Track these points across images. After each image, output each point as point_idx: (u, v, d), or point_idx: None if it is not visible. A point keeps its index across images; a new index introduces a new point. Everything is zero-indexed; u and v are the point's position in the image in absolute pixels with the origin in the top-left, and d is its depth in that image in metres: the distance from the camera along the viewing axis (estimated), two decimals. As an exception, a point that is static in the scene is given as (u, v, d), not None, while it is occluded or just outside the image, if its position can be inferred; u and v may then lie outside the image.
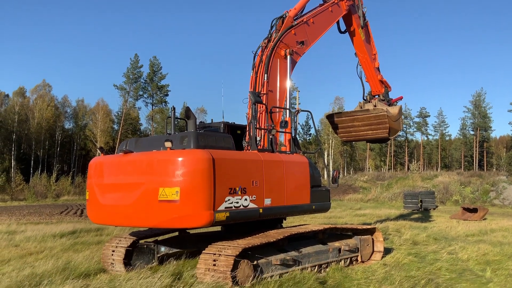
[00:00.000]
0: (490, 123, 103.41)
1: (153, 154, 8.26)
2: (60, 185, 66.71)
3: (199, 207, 7.63)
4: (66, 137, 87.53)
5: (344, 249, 10.09)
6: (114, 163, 8.92)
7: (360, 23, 14.89)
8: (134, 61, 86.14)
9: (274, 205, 8.99)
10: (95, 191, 9.00)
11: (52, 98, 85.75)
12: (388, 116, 14.60)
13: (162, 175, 7.79)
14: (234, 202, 8.10)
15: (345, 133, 15.60)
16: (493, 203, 45.87)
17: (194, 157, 7.73)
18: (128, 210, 8.24)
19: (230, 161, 8.22)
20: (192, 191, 7.60)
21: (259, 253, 8.15)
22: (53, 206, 43.50)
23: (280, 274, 8.24)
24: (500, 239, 15.10)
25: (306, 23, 11.95)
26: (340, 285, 8.26)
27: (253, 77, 10.89)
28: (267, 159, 9.06)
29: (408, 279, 8.81)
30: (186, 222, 7.82)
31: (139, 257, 9.65)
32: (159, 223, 8.14)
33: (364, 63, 15.68)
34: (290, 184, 9.49)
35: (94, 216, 9.19)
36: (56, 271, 8.57)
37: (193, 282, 7.61)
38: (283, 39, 11.17)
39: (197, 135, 8.19)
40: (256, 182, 8.59)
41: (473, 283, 8.87)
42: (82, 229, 16.93)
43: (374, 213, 28.34)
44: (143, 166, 8.19)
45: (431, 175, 59.97)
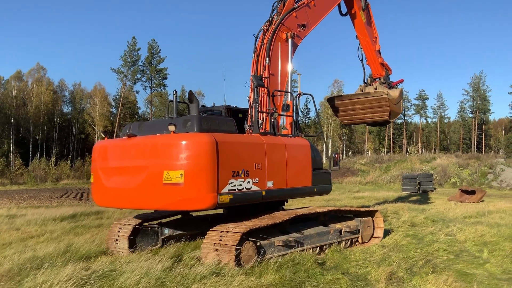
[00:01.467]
0: (489, 106, 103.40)
1: (157, 138, 8.35)
2: (59, 169, 66.79)
3: (203, 190, 7.74)
4: (64, 121, 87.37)
5: (345, 230, 10.23)
6: (118, 147, 8.98)
7: (361, 5, 14.75)
8: (132, 44, 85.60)
9: (276, 187, 9.12)
10: (100, 174, 9.08)
11: (50, 82, 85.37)
12: (389, 99, 14.61)
13: (166, 159, 7.89)
14: (237, 185, 8.22)
15: (346, 116, 15.60)
16: (491, 185, 46.10)
17: (198, 141, 7.82)
18: (133, 193, 8.35)
19: (233, 144, 8.30)
20: (196, 174, 7.71)
21: (262, 234, 8.28)
22: (53, 190, 43.63)
23: (282, 255, 8.35)
24: (497, 221, 15.20)
25: (308, 5, 11.84)
26: (338, 266, 8.34)
27: (254, 60, 10.86)
28: (270, 142, 9.15)
29: (406, 260, 8.90)
30: (190, 205, 7.94)
31: (144, 239, 9.74)
32: (164, 206, 8.29)
33: (365, 46, 15.56)
34: (292, 167, 9.58)
35: (99, 199, 9.31)
36: (57, 254, 8.64)
37: (194, 263, 7.69)
38: (284, 22, 11.08)
39: (200, 119, 8.26)
40: (259, 165, 8.71)
41: (470, 264, 8.97)
42: (82, 212, 17.00)
43: (372, 195, 28.47)
44: (147, 150, 8.28)
45: (429, 158, 60.10)
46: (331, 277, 7.43)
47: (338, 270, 7.97)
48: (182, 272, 7.07)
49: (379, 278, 7.65)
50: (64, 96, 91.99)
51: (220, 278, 6.86)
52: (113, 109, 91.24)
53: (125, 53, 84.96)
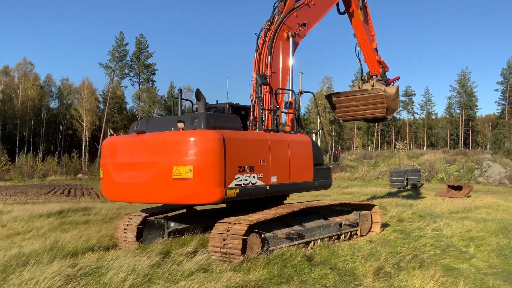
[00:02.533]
0: (476, 102, 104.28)
1: (166, 135, 8.64)
2: (46, 165, 66.22)
3: (211, 185, 8.06)
4: (51, 117, 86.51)
5: (345, 223, 10.61)
6: (128, 143, 9.22)
7: (359, 4, 15.08)
8: (120, 39, 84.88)
9: (280, 182, 9.46)
10: (110, 170, 9.34)
11: (36, 77, 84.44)
12: (386, 96, 14.95)
13: (176, 154, 8.19)
14: (243, 180, 8.54)
15: (344, 113, 15.93)
16: (478, 180, 46.62)
17: (206, 137, 8.12)
18: (143, 188, 8.63)
19: (239, 141, 8.63)
20: (205, 169, 8.01)
21: (266, 227, 8.55)
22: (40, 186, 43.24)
23: (287, 248, 8.59)
24: (483, 216, 15.37)
25: (307, 5, 12.07)
26: (326, 262, 8.36)
27: (256, 59, 11.04)
28: (273, 139, 9.48)
29: (394, 255, 8.96)
30: (199, 199, 8.26)
31: (151, 232, 10.05)
32: (173, 200, 8.57)
33: (363, 44, 15.85)
34: (294, 162, 9.91)
35: (108, 193, 9.58)
36: (44, 251, 8.54)
37: (182, 260, 7.66)
38: (285, 21, 11.28)
39: (207, 116, 8.56)
40: (263, 161, 9.03)
41: (457, 259, 9.05)
42: (70, 209, 16.86)
43: (361, 191, 28.61)
44: (157, 146, 8.55)
45: (417, 154, 60.59)
46: (319, 272, 7.44)
47: (326, 266, 7.99)
48: (170, 268, 7.05)
49: (367, 273, 7.68)
50: (51, 91, 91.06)
51: (209, 274, 6.84)
52: (101, 105, 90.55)
53: (113, 48, 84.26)
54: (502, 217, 15.24)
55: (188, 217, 10.75)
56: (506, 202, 21.72)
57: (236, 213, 9.00)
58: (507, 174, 47.61)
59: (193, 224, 10.59)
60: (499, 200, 22.43)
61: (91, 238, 10.08)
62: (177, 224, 10.33)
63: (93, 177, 65.15)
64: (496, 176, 47.96)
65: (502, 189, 38.90)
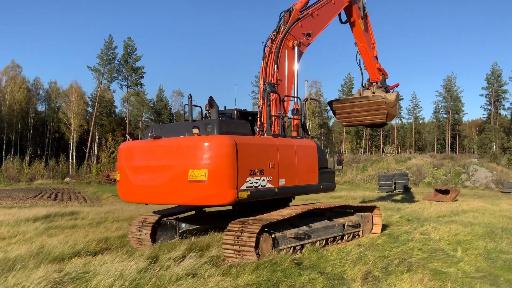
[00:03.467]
0: (462, 107, 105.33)
1: (182, 140, 9.06)
2: (33, 168, 65.67)
3: (224, 187, 8.48)
4: (39, 120, 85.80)
5: (348, 224, 11.06)
6: (145, 148, 9.63)
7: (360, 14, 15.61)
8: (108, 42, 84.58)
9: (287, 185, 9.86)
10: (127, 172, 9.75)
11: (24, 80, 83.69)
12: (386, 102, 15.51)
13: (191, 158, 8.60)
14: (254, 182, 8.95)
15: (345, 118, 16.51)
16: (465, 184, 47.02)
17: (220, 142, 8.54)
18: (159, 190, 9.07)
19: (250, 146, 9.06)
20: (219, 173, 8.44)
21: (276, 228, 8.94)
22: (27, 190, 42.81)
23: (294, 247, 9.15)
24: (470, 220, 15.49)
25: (311, 15, 12.54)
26: (315, 266, 8.36)
27: (263, 67, 11.42)
28: (281, 144, 9.91)
29: (382, 259, 8.98)
30: (213, 200, 8.66)
31: (163, 233, 10.61)
32: (189, 201, 9.02)
33: (363, 52, 16.36)
34: (301, 166, 10.33)
35: (125, 195, 9.99)
36: (30, 256, 8.45)
37: (170, 265, 7.61)
38: (291, 31, 11.70)
39: (219, 122, 9.00)
40: (272, 164, 9.44)
41: (445, 263, 9.09)
42: (56, 213, 16.70)
43: (349, 195, 28.71)
44: (174, 150, 9.00)
45: (405, 158, 60.95)
46: (308, 277, 7.44)
47: (315, 270, 7.98)
48: (158, 273, 6.99)
49: (355, 277, 7.69)
50: (39, 95, 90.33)
51: (197, 279, 6.80)
52: (89, 108, 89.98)
53: (101, 51, 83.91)
54: (489, 221, 15.38)
55: (198, 218, 11.21)
56: (492, 206, 21.93)
57: (244, 214, 9.32)
58: (494, 178, 48.08)
59: (202, 225, 11.03)
60: (486, 204, 22.64)
61: (78, 242, 9.98)
62: (187, 225, 10.83)
63: (80, 181, 64.67)
64: (483, 180, 48.41)
65: (489, 193, 39.28)
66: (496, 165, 55.38)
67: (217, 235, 10.36)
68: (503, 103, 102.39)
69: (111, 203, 26.95)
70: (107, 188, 48.18)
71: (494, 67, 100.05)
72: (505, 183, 42.32)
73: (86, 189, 47.93)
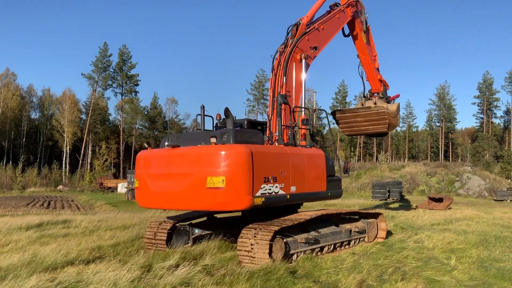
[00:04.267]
0: (455, 115, 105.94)
1: (200, 148, 9.46)
2: (26, 176, 65.30)
3: (241, 193, 8.86)
4: (32, 127, 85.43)
5: (354, 230, 11.46)
6: (163, 156, 10.02)
7: (362, 28, 16.22)
8: (103, 50, 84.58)
9: (298, 192, 10.25)
10: (146, 180, 10.15)
11: (17, 87, 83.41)
12: (388, 113, 16.20)
13: (210, 166, 8.99)
14: (268, 189, 9.33)
15: (348, 128, 17.25)
16: (458, 192, 47.20)
17: (236, 151, 8.96)
18: (178, 196, 9.47)
19: (264, 154, 9.47)
20: (235, 180, 8.82)
21: (287, 233, 9.31)
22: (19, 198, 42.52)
23: (305, 252, 9.55)
24: (464, 228, 15.53)
25: (317, 29, 13.12)
26: (310, 274, 8.34)
27: (272, 79, 11.95)
28: (292, 152, 10.32)
29: (376, 268, 8.97)
30: (230, 206, 9.04)
31: (178, 238, 11.01)
32: (207, 207, 9.42)
33: (365, 64, 16.96)
34: (310, 174, 10.75)
35: (144, 201, 10.40)
36: (22, 265, 8.37)
37: (163, 274, 7.56)
38: (298, 44, 12.22)
39: (235, 132, 9.43)
40: (284, 172, 9.83)
41: (438, 271, 9.10)
42: (49, 221, 16.58)
43: (343, 203, 28.73)
44: (192, 158, 9.38)
45: (398, 166, 61.15)
46: (302, 286, 7.41)
47: (309, 278, 7.96)
48: (151, 282, 6.95)
49: (350, 286, 7.68)
50: (32, 102, 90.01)
51: (190, 288, 6.76)
52: (83, 115, 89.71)
53: (96, 58, 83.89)
54: (482, 229, 15.43)
55: (210, 224, 11.57)
56: (486, 214, 22.01)
57: (254, 220, 9.71)
58: (487, 186, 48.34)
59: (214, 230, 11.36)
60: (479, 212, 22.72)
61: (71, 251, 9.90)
62: (200, 231, 11.18)
63: (73, 189, 64.31)
64: (476, 188, 48.64)
65: (482, 201, 39.45)
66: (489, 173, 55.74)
67: (211, 243, 10.34)
68: (495, 111, 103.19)
69: (104, 211, 26.81)
70: (100, 196, 47.95)
71: (486, 76, 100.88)
72: (498, 191, 42.55)
73: (79, 197, 47.65)
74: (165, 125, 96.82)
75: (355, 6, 15.55)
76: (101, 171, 70.93)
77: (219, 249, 10.11)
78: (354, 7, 15.54)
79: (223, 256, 9.37)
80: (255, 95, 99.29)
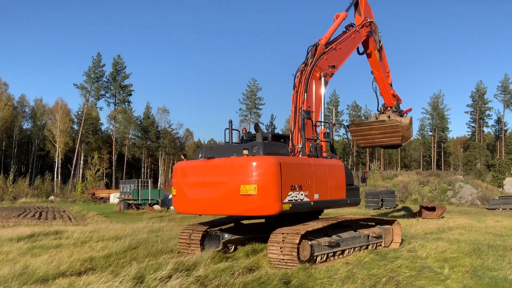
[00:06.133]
0: (448, 124, 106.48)
1: (234, 159, 10.43)
2: (17, 187, 64.78)
3: (271, 199, 9.78)
4: (24, 138, 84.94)
5: (372, 236, 12.16)
6: (200, 166, 11.01)
7: (376, 46, 17.17)
8: (97, 60, 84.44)
9: (321, 199, 11.13)
10: (183, 188, 11.18)
11: (9, 97, 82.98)
12: (401, 125, 17.32)
13: (243, 176, 9.94)
14: (294, 196, 10.23)
15: (363, 140, 18.37)
16: (451, 201, 47.36)
17: (267, 162, 9.90)
18: (214, 202, 10.46)
19: (291, 165, 10.42)
20: (266, 187, 9.75)
21: (312, 237, 10.15)
22: (10, 209, 42.14)
23: (327, 254, 10.37)
24: (457, 237, 15.57)
25: (335, 49, 14.00)
26: (303, 285, 8.31)
27: (294, 95, 12.76)
28: (315, 163, 11.26)
29: (370, 277, 8.95)
30: (261, 211, 10.04)
31: (209, 242, 11.80)
32: (241, 212, 10.33)
33: (379, 80, 17.97)
34: (331, 182, 11.64)
35: (181, 207, 11.49)
36: (13, 276, 8.27)
37: (156, 285, 7.50)
38: (317, 63, 13.06)
39: (264, 145, 10.37)
40: (308, 181, 10.72)
41: (432, 280, 9.10)
42: (41, 232, 16.42)
43: (336, 212, 28.63)
44: (227, 169, 10.37)
45: (391, 175, 61.32)
46: (296, 296, 7.37)
47: (303, 289, 7.93)
48: (144, 293, 6.88)
49: (344, 296, 7.65)
50: (24, 112, 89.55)
51: (183, 299, 6.70)
52: (75, 126, 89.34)
53: (89, 68, 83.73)
54: (475, 237, 15.48)
55: (238, 229, 12.38)
56: (478, 223, 22.09)
57: (279, 225, 10.45)
58: (479, 195, 48.56)
59: (242, 235, 12.19)
60: (472, 221, 22.81)
61: (63, 262, 9.79)
62: (230, 235, 11.94)
63: (65, 199, 63.83)
64: (468, 197, 48.84)
65: (474, 210, 39.60)
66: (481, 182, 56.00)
67: (205, 254, 10.32)
68: (486, 120, 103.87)
69: (96, 222, 26.62)
70: (92, 206, 47.65)
71: (479, 85, 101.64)
72: (490, 200, 42.75)
73: (71, 207, 47.28)
74: (157, 135, 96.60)
75: (369, 26, 16.49)
76: (93, 182, 70.49)
77: (212, 260, 10.07)
78: (368, 27, 16.47)
79: (216, 267, 9.31)
80: (248, 104, 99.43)
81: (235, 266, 9.26)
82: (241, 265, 9.40)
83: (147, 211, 36.32)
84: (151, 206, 39.04)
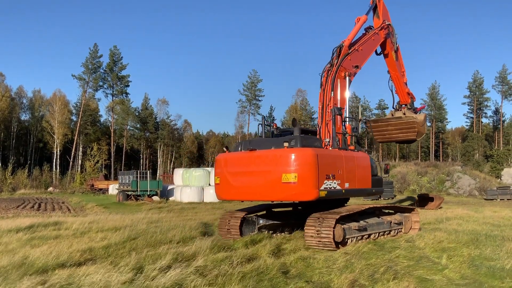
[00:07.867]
0: (446, 115, 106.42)
1: (276, 151, 11.48)
2: (16, 178, 64.78)
3: (310, 187, 10.88)
4: (22, 129, 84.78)
5: (394, 222, 13.24)
6: (243, 157, 12.07)
7: (393, 47, 18.35)
8: (94, 51, 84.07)
9: (350, 187, 12.13)
10: (226, 177, 12.25)
11: (7, 88, 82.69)
12: (417, 122, 18.72)
13: (284, 165, 10.99)
14: (329, 184, 11.29)
15: (380, 135, 19.82)
16: (449, 192, 47.50)
17: (306, 153, 11.01)
18: (257, 189, 11.50)
19: (326, 156, 11.49)
20: (305, 176, 10.83)
21: (343, 221, 11.23)
22: (9, 200, 42.16)
23: (356, 237, 11.51)
24: (455, 227, 15.63)
25: (357, 50, 14.95)
26: (302, 274, 8.35)
27: (321, 93, 13.71)
28: (345, 155, 12.27)
29: (368, 267, 9.00)
30: (301, 197, 11.20)
31: (246, 227, 12.97)
32: (282, 198, 11.55)
33: (395, 79, 19.15)
34: (359, 173, 12.66)
35: (224, 194, 12.51)
36: (12, 267, 8.30)
37: (155, 275, 7.54)
38: (342, 64, 13.99)
39: (301, 138, 11.47)
40: (340, 171, 11.75)
41: (430, 270, 9.15)
42: (40, 223, 16.43)
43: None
44: (269, 159, 11.44)
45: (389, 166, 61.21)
46: (295, 286, 7.42)
47: (302, 278, 7.98)
48: (143, 284, 6.92)
49: (342, 286, 7.69)
50: (22, 103, 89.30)
51: (183, 289, 6.74)
52: (74, 117, 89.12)
53: (86, 59, 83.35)
54: (473, 228, 15.54)
55: (271, 216, 13.61)
56: (476, 213, 22.18)
57: (310, 212, 11.51)
58: (477, 186, 48.70)
59: (275, 221, 13.45)
60: (470, 211, 22.89)
61: (62, 253, 9.82)
62: (264, 221, 13.29)
63: (64, 191, 63.85)
64: (466, 187, 48.99)
65: (472, 200, 39.73)
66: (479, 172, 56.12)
67: (203, 244, 10.34)
68: (485, 111, 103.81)
69: (95, 213, 26.64)
70: (91, 197, 47.69)
71: (476, 75, 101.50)
72: (488, 190, 42.88)
73: (70, 198, 47.31)
74: (156, 126, 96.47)
75: (386, 29, 17.66)
76: (92, 173, 70.49)
77: (211, 250, 10.11)
78: (386, 29, 17.64)
79: (215, 257, 9.35)
80: (247, 95, 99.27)
81: (234, 256, 9.30)
82: (240, 255, 9.45)
83: (146, 202, 36.31)
84: (150, 197, 39.05)
